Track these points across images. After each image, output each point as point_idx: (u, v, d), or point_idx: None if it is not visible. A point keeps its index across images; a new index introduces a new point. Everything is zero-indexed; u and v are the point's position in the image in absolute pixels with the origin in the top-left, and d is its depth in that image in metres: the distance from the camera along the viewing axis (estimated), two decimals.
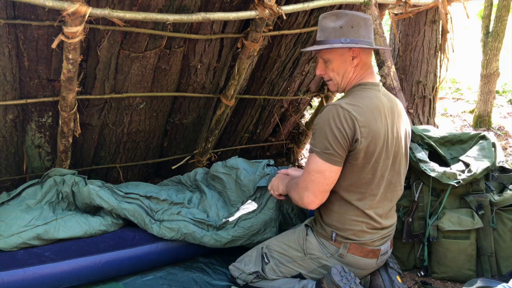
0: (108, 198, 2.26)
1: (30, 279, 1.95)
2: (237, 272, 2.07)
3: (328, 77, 1.92)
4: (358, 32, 1.80)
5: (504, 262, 2.25)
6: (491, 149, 2.31)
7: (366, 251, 1.88)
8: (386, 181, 1.85)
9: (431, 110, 3.46)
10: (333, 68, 1.88)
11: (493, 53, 5.05)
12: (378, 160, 1.79)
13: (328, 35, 1.83)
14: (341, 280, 1.80)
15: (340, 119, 1.71)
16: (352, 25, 1.80)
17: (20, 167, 2.69)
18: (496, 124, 5.29)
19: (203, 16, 2.24)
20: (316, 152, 1.75)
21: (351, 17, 1.80)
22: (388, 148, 1.81)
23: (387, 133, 1.80)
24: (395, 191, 1.92)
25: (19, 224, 2.09)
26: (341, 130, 1.71)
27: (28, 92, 2.34)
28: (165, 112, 2.87)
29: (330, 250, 1.89)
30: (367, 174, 1.79)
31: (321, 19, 1.88)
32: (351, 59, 1.84)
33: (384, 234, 1.93)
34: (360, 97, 1.79)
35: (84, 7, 1.88)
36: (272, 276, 1.99)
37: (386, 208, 1.90)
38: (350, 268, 1.90)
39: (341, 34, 1.80)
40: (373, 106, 1.77)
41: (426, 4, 3.13)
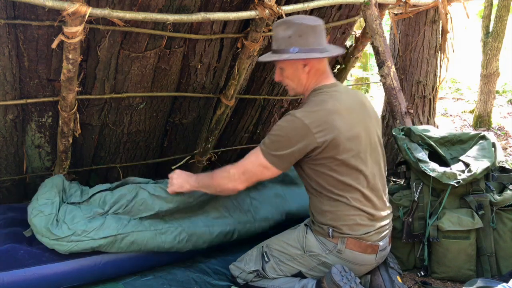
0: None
1: (30, 279, 1.95)
2: (238, 271, 2.08)
3: (284, 83, 2.00)
4: (306, 40, 1.84)
5: (504, 262, 2.25)
6: (491, 149, 2.31)
7: (364, 246, 1.89)
8: (367, 173, 1.88)
9: (431, 110, 3.46)
10: (287, 76, 1.95)
11: (493, 53, 5.05)
12: (351, 156, 1.83)
13: (280, 45, 1.89)
14: (341, 279, 1.80)
15: (295, 128, 1.79)
16: (300, 34, 1.84)
17: (20, 167, 2.69)
18: (496, 124, 5.29)
19: (203, 16, 2.24)
20: (266, 152, 1.84)
21: (299, 26, 1.84)
22: (359, 141, 1.86)
23: (352, 129, 1.84)
24: (379, 180, 1.95)
25: (80, 231, 2.04)
26: (294, 139, 1.79)
27: (28, 92, 2.34)
28: (165, 112, 2.87)
29: (328, 246, 1.90)
30: (346, 171, 1.83)
31: (274, 27, 1.94)
32: (303, 67, 1.90)
33: (380, 227, 1.93)
34: (315, 103, 1.85)
35: (84, 7, 1.88)
36: (272, 275, 1.99)
37: (375, 198, 1.92)
38: (350, 264, 1.90)
39: (290, 43, 1.85)
40: (329, 108, 1.82)
41: (426, 4, 3.13)
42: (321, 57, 1.87)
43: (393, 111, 2.78)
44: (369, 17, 2.76)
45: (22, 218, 2.34)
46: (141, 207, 2.19)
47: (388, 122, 3.58)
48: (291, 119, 1.81)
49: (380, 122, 2.15)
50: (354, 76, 7.84)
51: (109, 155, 2.93)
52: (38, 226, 2.05)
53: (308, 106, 1.85)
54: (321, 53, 1.87)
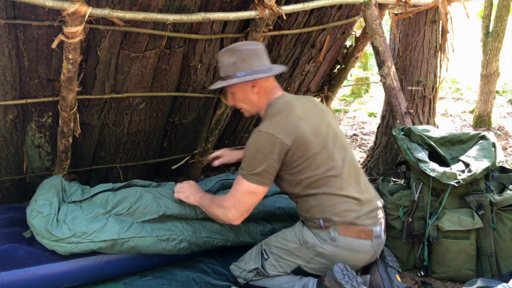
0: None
1: (30, 279, 1.94)
2: (238, 271, 2.09)
3: (238, 106, 2.12)
4: (250, 64, 1.98)
5: (504, 262, 2.25)
6: (491, 149, 2.31)
7: (358, 230, 1.93)
8: (339, 161, 1.97)
9: (431, 110, 3.46)
10: (239, 99, 2.08)
11: (493, 53, 5.05)
12: (320, 149, 1.93)
13: (226, 71, 2.01)
14: (343, 278, 1.81)
15: (263, 141, 1.89)
16: (243, 59, 1.98)
17: (20, 167, 2.69)
18: (496, 124, 5.29)
19: (203, 16, 2.24)
20: (246, 175, 1.92)
21: (241, 52, 1.99)
22: (322, 134, 1.96)
23: (313, 124, 1.96)
24: (352, 165, 2.02)
25: (80, 233, 2.03)
26: (268, 153, 1.88)
27: (28, 92, 2.34)
28: (165, 112, 2.87)
29: (322, 236, 1.93)
30: (320, 164, 1.92)
31: (219, 56, 2.06)
32: (252, 88, 2.02)
33: (370, 212, 1.98)
34: (273, 114, 1.96)
35: (84, 7, 1.88)
36: (272, 272, 2.01)
37: (354, 182, 1.99)
38: (346, 252, 1.92)
39: (236, 69, 1.98)
40: (287, 114, 1.94)
41: (426, 4, 3.13)
42: (265, 76, 2.00)
43: (393, 111, 2.78)
44: (369, 17, 2.76)
45: (22, 218, 2.34)
46: (145, 210, 2.17)
47: (388, 122, 3.58)
48: (257, 136, 1.92)
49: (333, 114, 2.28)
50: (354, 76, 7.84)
51: (109, 155, 2.93)
52: (37, 228, 2.05)
53: (268, 119, 1.96)
54: (266, 73, 2.00)
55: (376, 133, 3.82)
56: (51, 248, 2.03)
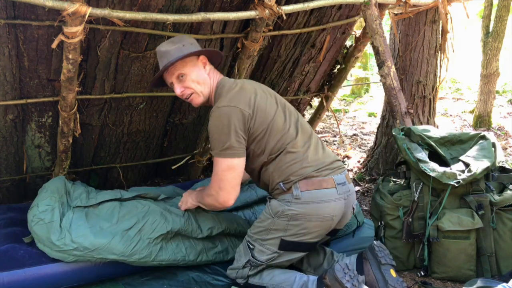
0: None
1: (30, 279, 1.94)
2: (234, 272, 2.09)
3: (190, 90, 2.07)
4: (197, 46, 2.08)
5: (504, 262, 2.25)
6: (491, 149, 2.31)
7: (318, 182, 1.97)
8: (292, 126, 2.04)
9: (431, 110, 3.46)
10: (192, 79, 2.05)
11: (493, 53, 5.05)
12: (275, 117, 2.01)
13: (173, 55, 2.01)
14: (343, 276, 1.81)
15: (224, 115, 1.93)
16: (191, 42, 2.07)
17: (20, 167, 2.69)
18: (496, 124, 5.29)
19: (203, 16, 2.24)
20: (218, 153, 1.95)
21: (186, 38, 2.08)
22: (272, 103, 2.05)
23: (264, 97, 2.05)
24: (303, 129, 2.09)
25: (83, 248, 2.00)
26: (231, 123, 1.92)
27: (28, 92, 2.34)
28: (165, 112, 2.87)
29: (287, 198, 1.97)
30: (276, 130, 2.00)
31: (159, 48, 2.06)
32: (204, 67, 2.07)
33: (328, 165, 2.03)
34: (226, 91, 2.01)
35: (84, 7, 1.88)
36: (263, 257, 2.01)
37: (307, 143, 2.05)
38: (314, 205, 1.95)
39: (186, 50, 2.02)
40: (239, 88, 2.02)
41: (426, 4, 3.13)
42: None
43: (393, 111, 2.78)
44: (369, 17, 2.76)
45: (22, 218, 2.34)
46: (153, 225, 2.15)
47: (388, 122, 3.58)
48: (217, 112, 1.95)
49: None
50: (354, 76, 7.84)
51: (109, 155, 2.93)
52: (39, 235, 2.03)
53: (222, 96, 2.01)
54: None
55: (376, 133, 3.82)
56: (52, 256, 2.01)
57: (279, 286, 1.99)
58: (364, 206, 3.26)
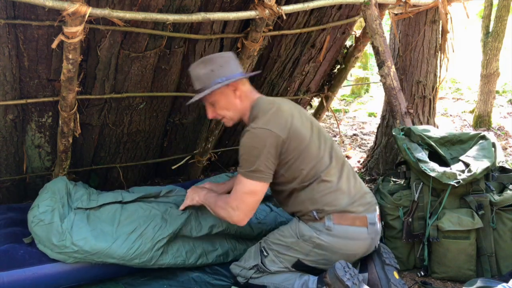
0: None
1: (30, 279, 1.95)
2: (238, 269, 2.09)
3: (221, 116, 2.09)
4: (228, 68, 2.00)
5: (504, 262, 2.25)
6: (491, 149, 2.31)
7: (352, 218, 1.96)
8: (326, 154, 2.01)
9: (431, 110, 3.46)
10: (221, 107, 2.05)
11: (493, 53, 5.05)
12: (310, 142, 1.97)
13: (204, 82, 1.99)
14: (344, 275, 1.82)
15: (258, 136, 1.89)
16: (221, 65, 1.99)
17: (20, 167, 2.69)
18: (496, 124, 5.29)
19: (203, 16, 2.24)
20: (245, 173, 1.91)
21: (217, 60, 2.00)
22: (309, 129, 2.01)
23: (300, 120, 1.99)
24: (337, 157, 2.06)
25: (83, 251, 2.01)
26: (263, 147, 1.88)
27: (28, 92, 2.34)
28: (165, 112, 2.87)
29: (318, 227, 1.96)
30: (310, 157, 1.96)
31: (191, 70, 2.05)
32: (234, 93, 2.02)
33: (361, 198, 2.01)
34: (262, 113, 1.96)
35: (84, 7, 1.88)
36: (273, 268, 2.02)
37: (342, 172, 2.03)
38: (343, 240, 1.94)
39: (215, 75, 1.97)
40: (276, 110, 1.97)
41: (426, 4, 3.13)
42: (246, 76, 2.05)
43: (393, 111, 2.78)
44: (369, 17, 2.76)
45: (22, 218, 2.34)
46: (154, 229, 2.15)
47: (388, 122, 3.58)
48: (251, 133, 1.92)
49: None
50: (354, 76, 7.84)
51: (109, 155, 2.93)
52: (39, 236, 2.03)
53: (258, 117, 1.96)
54: (245, 75, 2.05)
55: (376, 133, 3.82)
56: (53, 257, 2.01)
57: (279, 285, 2.00)
58: None
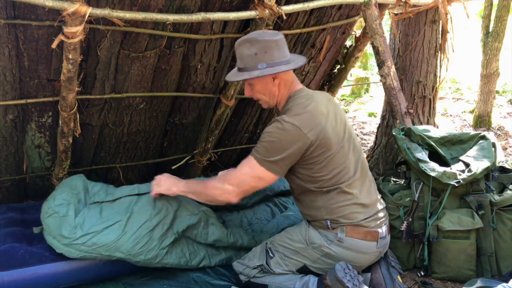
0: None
1: (30, 279, 1.95)
2: (241, 267, 2.09)
3: (256, 97, 2.06)
4: (272, 55, 1.92)
5: (504, 262, 2.25)
6: (491, 149, 2.31)
7: (364, 232, 1.93)
8: (352, 162, 1.97)
9: (431, 110, 3.46)
10: (258, 90, 2.02)
11: (493, 53, 5.05)
12: (338, 149, 1.92)
13: (246, 63, 1.95)
14: (344, 276, 1.82)
15: (287, 131, 1.85)
16: (265, 50, 1.92)
17: (20, 167, 2.69)
18: (496, 124, 5.29)
19: (203, 16, 2.24)
20: (261, 160, 1.88)
21: (263, 43, 1.92)
22: (340, 135, 1.95)
23: (333, 123, 1.94)
24: (362, 167, 2.03)
25: (91, 242, 2.00)
26: (287, 142, 1.84)
27: (28, 92, 2.34)
28: (165, 112, 2.87)
29: (329, 237, 1.94)
30: (334, 164, 1.91)
31: (237, 46, 1.99)
32: (272, 80, 1.98)
33: (375, 213, 1.98)
34: (298, 107, 1.91)
35: (84, 7, 1.88)
36: (277, 270, 2.01)
37: (363, 185, 2.00)
38: (352, 253, 1.93)
39: (257, 60, 1.92)
40: (312, 110, 1.91)
41: (426, 4, 3.13)
42: (287, 69, 1.96)
43: (393, 111, 2.78)
44: (369, 17, 2.76)
45: (22, 218, 2.34)
46: (164, 227, 2.13)
47: (388, 122, 3.57)
48: (280, 124, 1.87)
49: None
50: (354, 76, 7.85)
51: (109, 155, 2.93)
52: (51, 227, 2.03)
53: (292, 111, 1.91)
54: (287, 66, 1.96)
55: (376, 133, 3.82)
56: (59, 251, 2.01)
57: (280, 285, 2.00)
58: None
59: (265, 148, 1.87)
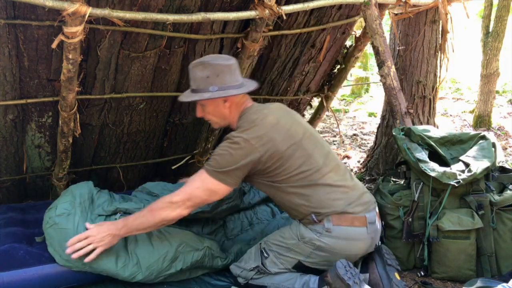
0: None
1: (30, 279, 1.94)
2: (239, 270, 2.10)
3: (207, 118, 2.12)
4: (223, 79, 1.98)
5: (504, 262, 2.25)
6: (491, 149, 2.31)
7: (350, 218, 1.95)
8: (316, 156, 1.99)
9: (431, 110, 3.46)
10: (209, 112, 2.08)
11: (493, 53, 5.05)
12: (296, 149, 1.94)
13: (199, 85, 2.00)
14: (345, 273, 1.83)
15: (237, 145, 1.89)
16: (217, 74, 1.97)
17: (20, 167, 2.69)
18: (496, 124, 5.30)
19: (203, 16, 2.24)
20: (211, 171, 1.90)
21: (215, 67, 1.97)
22: (294, 135, 1.98)
23: (285, 128, 1.97)
24: (333, 160, 2.05)
25: (90, 266, 1.96)
26: (238, 155, 1.88)
27: (28, 92, 2.34)
28: (165, 112, 2.87)
29: (318, 230, 1.95)
30: (297, 162, 1.94)
31: (191, 68, 2.04)
32: (223, 103, 2.04)
33: (359, 198, 2.00)
34: (247, 123, 1.96)
35: (84, 7, 1.88)
36: (273, 269, 2.02)
37: (336, 173, 2.01)
38: (343, 241, 1.94)
39: (209, 83, 1.98)
40: (260, 122, 1.95)
41: (426, 4, 3.13)
42: (238, 93, 2.01)
43: (393, 111, 2.78)
44: (369, 17, 2.76)
45: (22, 218, 2.34)
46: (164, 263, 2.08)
47: (388, 122, 3.58)
48: (230, 140, 1.93)
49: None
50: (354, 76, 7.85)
51: (109, 155, 2.93)
52: (52, 238, 2.00)
53: (241, 127, 1.97)
54: (238, 90, 2.01)
55: (376, 133, 3.82)
56: (61, 263, 1.98)
57: (280, 285, 2.00)
58: None
59: (216, 161, 1.91)
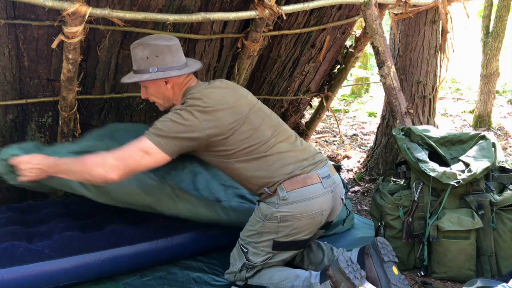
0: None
1: (29, 276, 1.94)
2: (232, 276, 2.10)
3: (151, 100, 2.06)
4: (164, 60, 1.93)
5: (504, 262, 2.25)
6: (491, 149, 2.31)
7: (302, 179, 1.93)
8: (264, 127, 1.98)
9: (431, 110, 3.46)
10: (151, 93, 2.03)
11: (493, 53, 5.05)
12: (242, 123, 1.93)
13: (139, 65, 1.96)
14: (347, 267, 1.82)
15: (181, 118, 1.84)
16: (156, 54, 1.92)
17: None
18: (496, 124, 5.30)
19: (203, 16, 2.24)
20: (149, 134, 1.83)
21: (154, 47, 1.92)
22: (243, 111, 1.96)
23: (231, 102, 1.95)
24: (281, 130, 2.03)
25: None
26: (180, 128, 1.84)
27: (28, 92, 2.34)
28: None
29: (274, 201, 1.94)
30: (245, 136, 1.93)
31: (132, 48, 1.98)
32: (165, 84, 1.99)
33: (307, 159, 1.99)
34: (192, 100, 1.91)
35: (84, 7, 1.88)
36: (257, 259, 2.01)
37: (286, 142, 2.00)
38: (302, 203, 1.92)
39: (149, 64, 1.93)
40: (207, 95, 1.92)
41: (426, 4, 3.13)
42: (179, 74, 1.96)
43: (393, 111, 2.78)
44: (369, 17, 2.76)
45: (21, 217, 2.34)
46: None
47: (388, 122, 3.58)
48: (174, 111, 1.88)
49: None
50: (354, 76, 7.86)
51: None
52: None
53: (186, 103, 1.92)
54: (180, 71, 1.97)
55: (376, 133, 3.82)
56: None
57: (279, 284, 1.99)
58: (364, 206, 3.26)
59: (156, 126, 1.85)
